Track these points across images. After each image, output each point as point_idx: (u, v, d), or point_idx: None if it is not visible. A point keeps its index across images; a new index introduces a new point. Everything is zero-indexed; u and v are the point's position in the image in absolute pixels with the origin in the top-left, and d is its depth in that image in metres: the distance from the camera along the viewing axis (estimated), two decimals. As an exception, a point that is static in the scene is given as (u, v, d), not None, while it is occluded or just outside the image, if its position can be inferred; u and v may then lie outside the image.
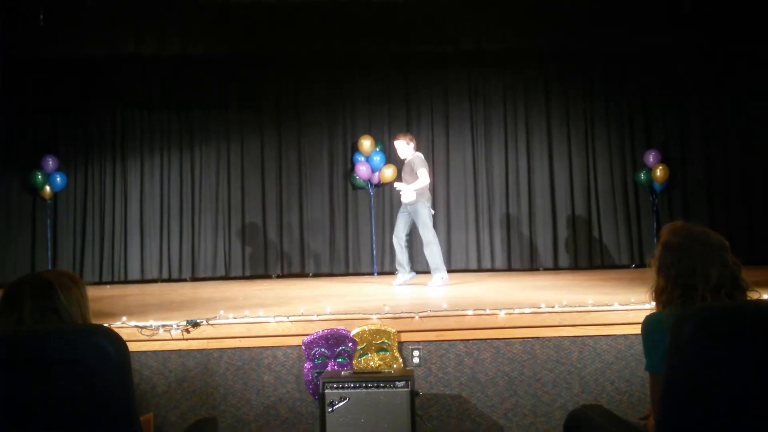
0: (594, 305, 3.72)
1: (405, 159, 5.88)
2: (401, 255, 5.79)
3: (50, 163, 7.33)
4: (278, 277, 7.53)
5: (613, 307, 3.67)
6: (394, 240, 5.85)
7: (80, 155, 7.59)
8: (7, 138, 7.39)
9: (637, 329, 3.62)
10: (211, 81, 7.64)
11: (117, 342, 1.50)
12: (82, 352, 1.45)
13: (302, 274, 7.57)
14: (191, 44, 6.70)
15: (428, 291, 5.35)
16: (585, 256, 7.62)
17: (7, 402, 1.48)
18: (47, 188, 7.34)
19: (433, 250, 5.66)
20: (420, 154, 5.85)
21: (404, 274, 5.81)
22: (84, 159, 7.59)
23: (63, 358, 1.46)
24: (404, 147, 5.86)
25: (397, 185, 5.83)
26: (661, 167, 7.45)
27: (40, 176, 7.28)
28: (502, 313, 3.63)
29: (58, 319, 1.63)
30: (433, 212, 5.86)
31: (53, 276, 1.69)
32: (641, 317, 3.57)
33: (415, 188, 5.64)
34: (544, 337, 3.61)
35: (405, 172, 5.82)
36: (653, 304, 1.90)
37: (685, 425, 1.56)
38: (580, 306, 3.72)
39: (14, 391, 1.48)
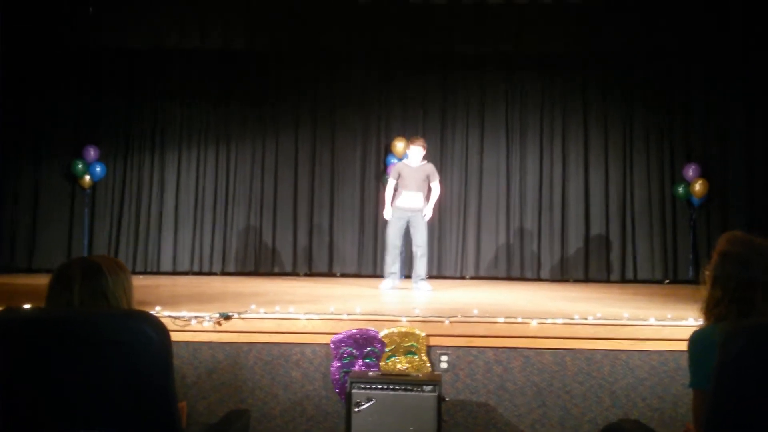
0: (629, 319, 3.65)
1: (417, 165, 5.71)
2: (397, 260, 5.80)
3: (91, 153, 7.49)
4: (306, 275, 7.57)
5: (649, 322, 3.60)
6: (391, 247, 5.75)
7: (120, 146, 7.73)
8: (50, 126, 7.61)
9: (672, 345, 3.56)
10: (250, 76, 7.72)
11: (160, 328, 1.52)
12: (126, 335, 1.49)
13: (329, 274, 7.58)
14: (233, 39, 6.81)
15: (459, 296, 5.32)
16: (617, 269, 7.47)
17: (53, 379, 1.51)
18: (87, 177, 7.50)
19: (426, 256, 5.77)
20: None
21: (395, 279, 5.79)
22: (124, 150, 7.73)
23: (108, 341, 1.49)
24: (421, 153, 5.72)
25: (428, 212, 5.74)
26: (700, 181, 7.26)
27: (80, 165, 7.44)
28: (534, 323, 3.59)
29: (106, 302, 1.66)
30: None
31: (101, 260, 1.73)
32: (677, 334, 3.50)
33: (434, 201, 5.71)
34: (575, 349, 3.56)
35: (414, 178, 5.65)
36: (701, 319, 1.84)
37: (729, 445, 1.52)
38: (614, 319, 3.66)
39: (60, 370, 1.52)
